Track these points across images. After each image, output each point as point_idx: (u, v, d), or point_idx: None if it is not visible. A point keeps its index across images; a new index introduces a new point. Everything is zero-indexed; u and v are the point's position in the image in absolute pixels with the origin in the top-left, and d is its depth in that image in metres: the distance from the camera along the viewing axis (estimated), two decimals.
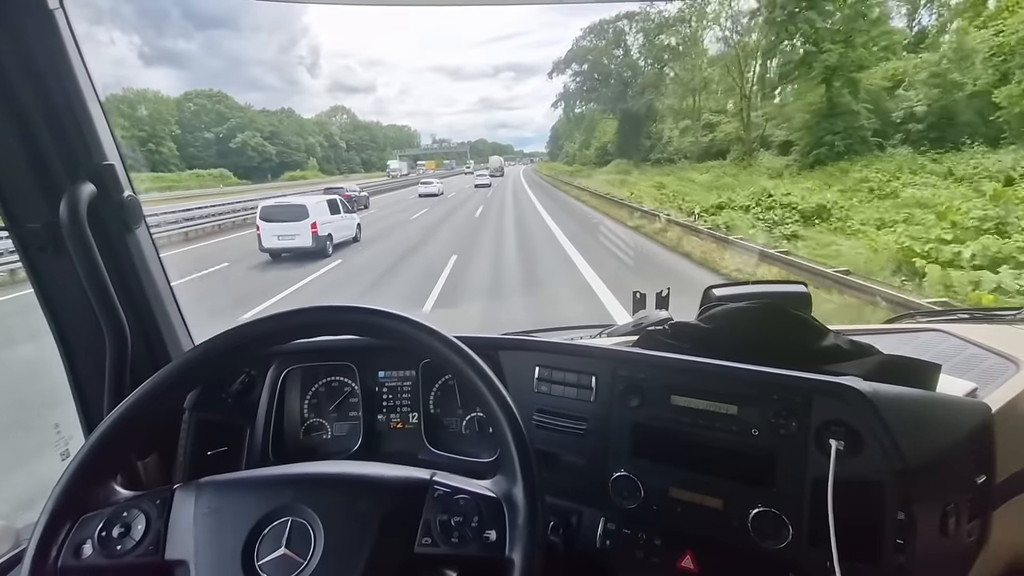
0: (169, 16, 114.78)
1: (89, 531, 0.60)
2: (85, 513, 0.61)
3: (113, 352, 0.94)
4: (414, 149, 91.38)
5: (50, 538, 0.59)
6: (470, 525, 0.62)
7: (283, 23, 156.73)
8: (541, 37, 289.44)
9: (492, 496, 0.64)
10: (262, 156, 52.49)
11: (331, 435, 1.17)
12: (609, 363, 0.96)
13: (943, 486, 0.77)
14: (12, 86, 0.82)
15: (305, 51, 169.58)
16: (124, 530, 0.61)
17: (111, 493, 0.65)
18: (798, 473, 0.80)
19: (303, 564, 0.58)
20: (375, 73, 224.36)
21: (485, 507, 0.63)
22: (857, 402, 0.76)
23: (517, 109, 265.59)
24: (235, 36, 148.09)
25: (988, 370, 0.99)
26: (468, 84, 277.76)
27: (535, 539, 0.60)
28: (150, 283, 1.04)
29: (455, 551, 0.61)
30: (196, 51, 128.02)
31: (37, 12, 0.82)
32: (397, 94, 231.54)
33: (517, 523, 0.61)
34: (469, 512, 0.62)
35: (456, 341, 0.70)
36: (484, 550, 0.60)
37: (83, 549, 0.59)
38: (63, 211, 0.85)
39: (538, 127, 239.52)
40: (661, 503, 0.89)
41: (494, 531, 0.61)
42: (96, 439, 0.63)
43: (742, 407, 0.85)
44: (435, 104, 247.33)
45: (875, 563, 0.75)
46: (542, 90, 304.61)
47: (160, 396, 0.67)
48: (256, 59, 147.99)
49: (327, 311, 0.72)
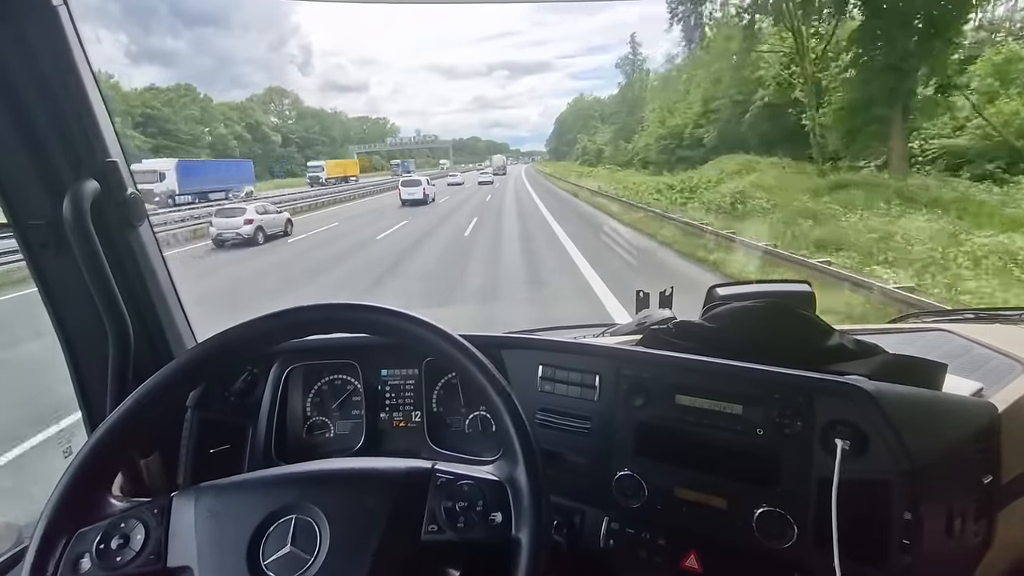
0: (157, 13, 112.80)
1: (87, 544, 0.59)
2: (81, 527, 0.60)
3: (116, 349, 0.94)
4: (381, 145, 69.50)
5: (47, 553, 0.58)
6: (475, 509, 0.62)
7: (272, 21, 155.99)
8: (534, 36, 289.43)
9: (495, 479, 0.65)
10: None
11: (334, 433, 1.17)
12: (613, 362, 0.96)
13: (949, 486, 0.76)
14: (15, 83, 0.82)
15: (296, 49, 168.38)
16: (123, 541, 0.60)
17: (106, 505, 0.64)
18: (803, 473, 0.79)
19: (310, 561, 0.58)
20: (368, 72, 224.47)
21: (489, 491, 0.64)
22: (863, 401, 0.76)
23: (511, 108, 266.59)
24: (225, 34, 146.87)
25: (994, 370, 0.99)
26: (462, 83, 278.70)
27: (540, 518, 0.61)
28: (153, 280, 1.04)
29: (462, 536, 0.61)
30: (184, 49, 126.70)
31: (40, 9, 0.82)
32: (390, 93, 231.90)
33: (522, 504, 0.62)
34: (473, 497, 0.63)
35: (460, 339, 0.70)
36: (490, 533, 0.61)
37: (81, 564, 0.58)
38: (66, 208, 0.84)
39: (533, 126, 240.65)
40: (665, 503, 0.89)
41: (499, 513, 0.62)
42: (92, 445, 0.62)
43: (747, 406, 0.84)
44: (429, 103, 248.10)
45: (881, 563, 0.75)
46: (537, 89, 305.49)
47: (162, 394, 0.67)
48: (244, 57, 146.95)
49: (330, 309, 0.72)
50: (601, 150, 45.88)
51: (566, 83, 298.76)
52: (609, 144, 44.50)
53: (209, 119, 46.41)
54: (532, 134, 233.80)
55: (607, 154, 43.05)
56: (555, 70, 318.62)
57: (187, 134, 42.57)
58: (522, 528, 0.60)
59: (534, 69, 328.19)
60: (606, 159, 41.73)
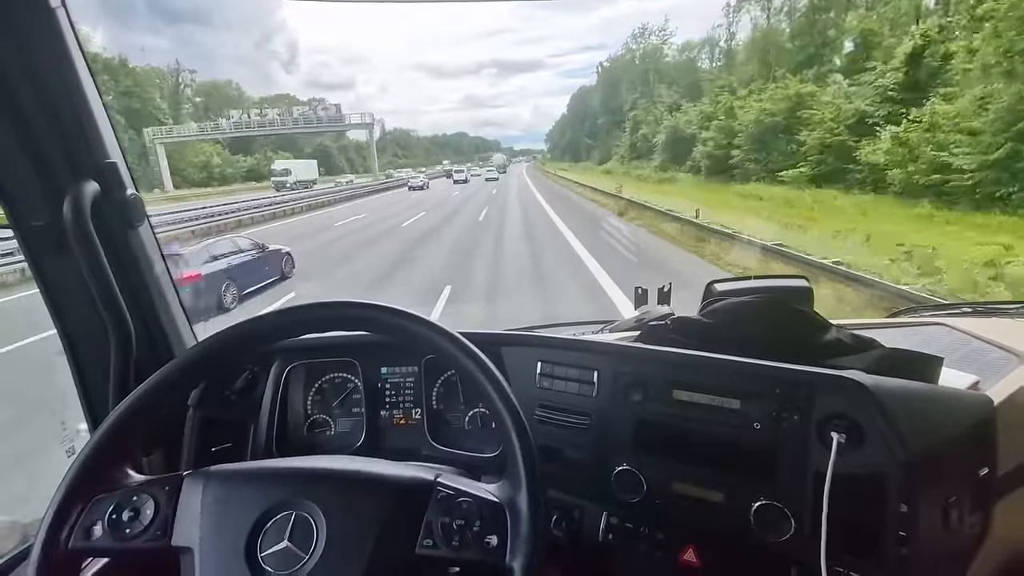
0: (135, 9, 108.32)
1: (100, 513, 0.61)
2: (99, 493, 0.62)
3: (117, 349, 0.95)
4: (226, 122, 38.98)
5: (63, 517, 0.60)
6: (472, 529, 0.61)
7: (257, 17, 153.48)
8: (525, 35, 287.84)
9: (495, 501, 0.64)
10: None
11: (334, 431, 1.17)
12: (611, 358, 0.96)
13: (945, 479, 0.77)
14: (15, 85, 0.82)
15: (281, 47, 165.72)
16: (134, 514, 0.62)
17: (124, 476, 0.66)
18: (800, 467, 0.80)
19: (305, 558, 0.58)
20: (355, 70, 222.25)
21: (487, 512, 0.62)
22: (859, 395, 0.76)
23: (502, 107, 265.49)
24: (208, 31, 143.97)
25: (991, 363, 0.99)
26: (452, 82, 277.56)
27: (535, 548, 0.60)
28: (153, 281, 1.04)
29: (455, 554, 0.61)
30: (166, 47, 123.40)
31: (39, 10, 0.82)
32: (378, 91, 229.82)
33: (519, 531, 0.61)
34: (471, 516, 0.62)
35: (459, 336, 0.70)
36: (484, 555, 0.60)
37: (93, 531, 0.61)
38: (67, 210, 0.85)
39: (525, 125, 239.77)
40: (663, 497, 0.90)
41: (495, 536, 0.61)
42: (113, 421, 0.64)
43: (744, 401, 0.85)
44: (419, 102, 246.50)
45: (878, 556, 0.75)
46: (528, 87, 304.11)
47: (165, 392, 0.68)
48: (225, 55, 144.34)
49: (329, 307, 0.72)
50: (691, 137, 24.69)
51: (557, 81, 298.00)
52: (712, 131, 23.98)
53: None
54: (523, 133, 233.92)
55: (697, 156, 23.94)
56: (546, 68, 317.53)
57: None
58: (516, 557, 0.59)
59: (525, 68, 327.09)
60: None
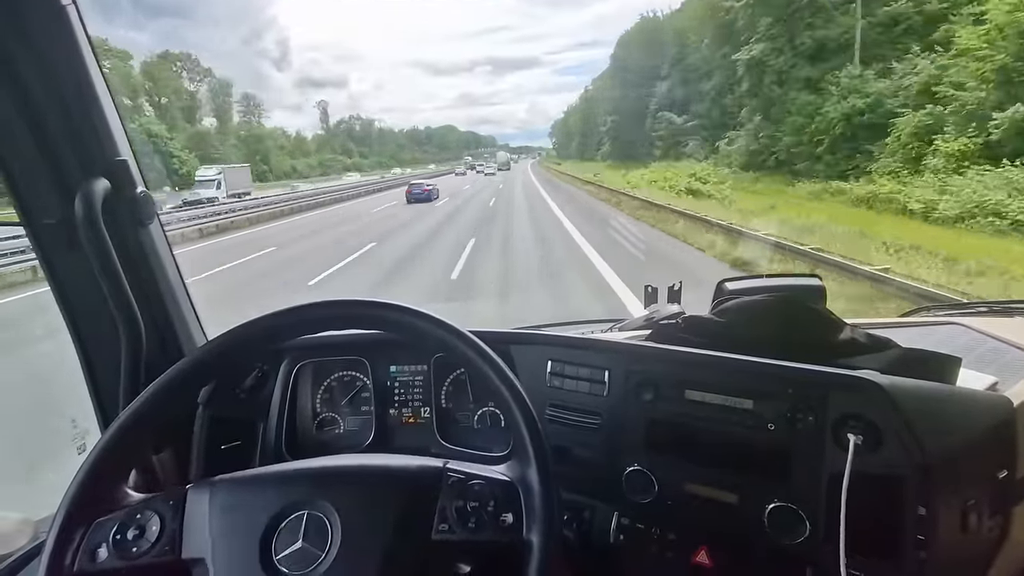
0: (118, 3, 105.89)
1: (103, 535, 0.61)
2: (98, 517, 0.62)
3: (128, 347, 0.95)
4: None
5: (65, 543, 0.59)
6: (486, 509, 0.62)
7: (246, 13, 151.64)
8: (522, 33, 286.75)
9: (507, 480, 0.65)
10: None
11: (344, 430, 1.17)
12: (622, 357, 0.95)
13: (964, 481, 0.75)
14: (26, 83, 0.83)
15: (271, 44, 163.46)
16: (139, 532, 0.61)
17: (123, 496, 0.65)
18: (815, 468, 0.79)
19: (321, 556, 0.58)
20: (348, 67, 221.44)
21: (500, 491, 0.64)
22: (875, 396, 0.75)
23: (498, 104, 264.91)
24: (192, 26, 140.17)
25: (1009, 364, 0.98)
26: (447, 80, 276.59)
27: (551, 520, 0.61)
28: (164, 279, 1.05)
29: (472, 536, 0.61)
30: (146, 42, 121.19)
31: (49, 8, 0.83)
32: (372, 88, 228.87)
33: (533, 505, 0.62)
34: (484, 497, 0.63)
35: (469, 335, 0.70)
36: (501, 533, 0.61)
37: (98, 553, 0.60)
38: (78, 207, 0.85)
39: (520, 122, 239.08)
40: (675, 498, 0.89)
41: (510, 514, 0.62)
42: (106, 442, 0.63)
43: (757, 401, 0.83)
44: (414, 99, 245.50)
45: (895, 559, 0.74)
46: (524, 85, 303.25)
47: (174, 392, 0.68)
48: (212, 52, 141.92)
49: (339, 305, 0.72)
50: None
51: (553, 79, 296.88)
52: None
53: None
54: (519, 131, 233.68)
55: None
56: (543, 65, 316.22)
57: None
58: (533, 529, 0.60)
59: (521, 65, 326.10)
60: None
